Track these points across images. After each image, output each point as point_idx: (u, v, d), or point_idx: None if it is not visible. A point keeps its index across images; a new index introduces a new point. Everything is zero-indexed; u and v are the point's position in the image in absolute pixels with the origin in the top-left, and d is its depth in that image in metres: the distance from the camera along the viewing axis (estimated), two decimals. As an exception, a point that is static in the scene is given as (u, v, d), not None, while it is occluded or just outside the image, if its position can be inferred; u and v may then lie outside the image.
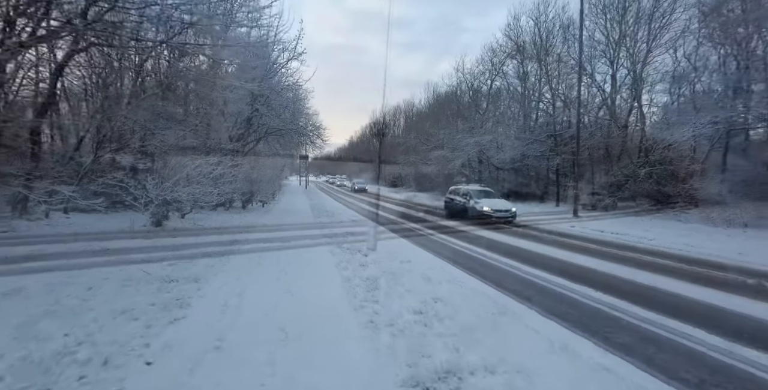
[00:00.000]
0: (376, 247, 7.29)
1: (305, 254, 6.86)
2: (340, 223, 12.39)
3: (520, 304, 4.46)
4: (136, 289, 4.28)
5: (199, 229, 9.47)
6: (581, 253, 7.95)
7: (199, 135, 14.45)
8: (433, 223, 13.39)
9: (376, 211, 16.39)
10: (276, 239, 8.43)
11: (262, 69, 13.60)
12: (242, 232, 9.39)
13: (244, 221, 11.70)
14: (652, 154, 15.98)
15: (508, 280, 5.66)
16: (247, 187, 15.54)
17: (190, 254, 6.36)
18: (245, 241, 8.17)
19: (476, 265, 6.61)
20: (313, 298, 4.29)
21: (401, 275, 5.27)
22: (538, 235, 10.86)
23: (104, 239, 7.59)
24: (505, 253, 7.82)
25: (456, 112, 36.51)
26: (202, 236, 8.43)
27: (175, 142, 12.88)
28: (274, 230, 9.99)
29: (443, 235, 10.43)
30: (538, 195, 23.81)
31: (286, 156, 23.43)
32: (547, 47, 21.10)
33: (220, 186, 12.26)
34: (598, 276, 5.99)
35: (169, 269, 5.25)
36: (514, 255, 7.56)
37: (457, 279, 5.35)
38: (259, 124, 15.61)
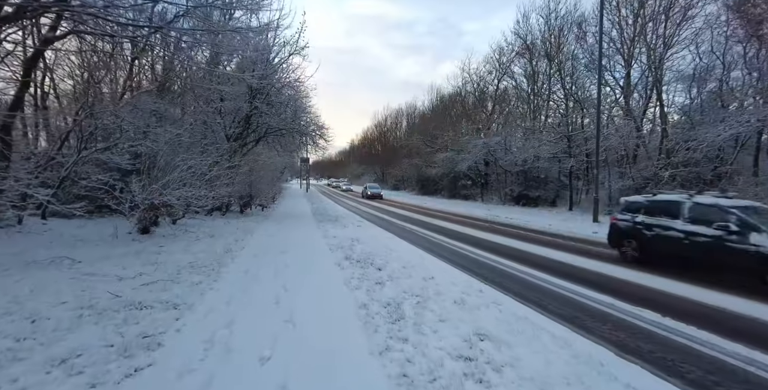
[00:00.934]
0: (388, 261, 6.35)
1: (308, 267, 5.91)
2: (344, 228, 11.45)
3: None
4: (95, 320, 3.34)
5: (191, 237, 8.53)
6: (616, 263, 7.01)
7: (196, 134, 13.58)
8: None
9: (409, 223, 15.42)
10: (275, 249, 7.49)
11: (262, 64, 12.74)
12: (238, 239, 8.46)
13: (242, 227, 10.76)
14: (674, 155, 15.05)
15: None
16: (246, 190, 14.64)
17: (176, 268, 5.42)
18: (241, 250, 7.24)
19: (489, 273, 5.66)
20: (321, 332, 3.35)
21: (428, 297, 4.33)
22: (557, 242, 9.92)
23: (79, 249, 6.66)
24: (534, 265, 6.87)
25: (461, 114, 35.68)
26: (193, 245, 7.49)
27: (169, 141, 12.02)
28: (274, 237, 9.05)
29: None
30: (548, 199, 22.87)
31: (286, 157, 22.53)
32: (559, 44, 20.24)
33: (216, 189, 11.37)
34: (663, 297, 5.04)
35: (145, 290, 4.31)
36: (535, 264, 6.62)
37: (493, 300, 4.40)
38: (259, 124, 14.72)
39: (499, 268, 6.62)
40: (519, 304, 4.41)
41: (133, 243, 7.53)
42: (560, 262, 7.14)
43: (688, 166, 14.44)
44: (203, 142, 12.58)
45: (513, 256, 7.74)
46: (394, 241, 8.97)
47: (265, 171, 17.23)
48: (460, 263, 6.87)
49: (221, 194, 11.44)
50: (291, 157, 34.00)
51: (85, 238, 7.68)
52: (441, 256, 7.53)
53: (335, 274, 5.41)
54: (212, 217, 12.77)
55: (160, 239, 8.12)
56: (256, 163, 15.81)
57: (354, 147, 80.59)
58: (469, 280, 5.45)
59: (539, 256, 7.83)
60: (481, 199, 29.07)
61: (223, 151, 13.24)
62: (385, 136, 64.88)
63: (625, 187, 17.34)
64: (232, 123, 14.05)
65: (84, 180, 9.68)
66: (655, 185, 15.69)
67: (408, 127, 57.52)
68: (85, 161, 10.40)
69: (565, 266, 6.80)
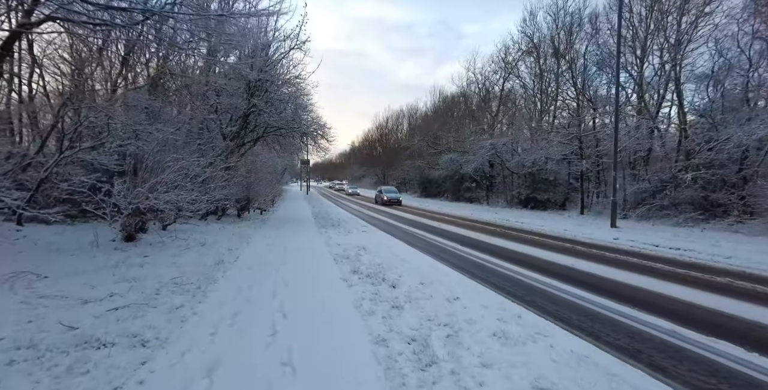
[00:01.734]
0: (400, 274, 5.55)
1: (311, 283, 5.11)
2: (348, 234, 10.65)
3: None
4: (30, 368, 2.53)
5: (180, 245, 7.73)
6: (654, 276, 6.20)
7: (192, 133, 12.81)
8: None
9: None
10: (273, 260, 6.69)
11: (262, 58, 11.98)
12: (233, 248, 7.65)
13: (238, 233, 9.96)
14: (696, 156, 14.27)
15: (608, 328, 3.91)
16: (243, 193, 13.84)
17: (155, 286, 4.62)
18: (234, 261, 6.43)
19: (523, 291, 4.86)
20: (329, 384, 2.54)
21: (459, 328, 3.52)
22: (578, 249, 9.10)
23: (51, 261, 5.86)
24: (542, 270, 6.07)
25: (465, 114, 34.96)
26: (182, 255, 6.69)
27: (162, 140, 11.26)
28: (272, 246, 8.24)
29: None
30: (558, 202, 22.08)
31: (286, 158, 21.74)
32: (569, 41, 19.51)
33: (211, 191, 10.59)
34: (722, 319, 4.23)
35: (112, 318, 3.51)
36: (556, 275, 5.81)
37: (538, 329, 3.60)
38: (257, 123, 13.94)
39: (527, 282, 5.81)
40: (570, 335, 3.60)
41: (114, 253, 6.73)
42: (591, 275, 6.33)
43: (711, 168, 13.66)
44: (198, 141, 11.80)
45: (536, 266, 6.93)
46: (404, 250, 8.16)
47: (264, 173, 16.45)
48: (482, 277, 6.06)
49: (216, 197, 10.67)
50: (291, 159, 33.24)
51: (62, 247, 6.88)
52: (459, 267, 6.72)
53: (343, 294, 4.60)
54: (207, 221, 11.97)
55: (146, 248, 7.32)
56: (254, 164, 15.03)
57: (354, 149, 79.87)
58: (500, 300, 4.64)
59: (565, 266, 7.02)
60: (486, 201, 28.29)
61: (219, 152, 12.47)
62: (386, 137, 64.20)
63: (640, 190, 16.57)
64: (229, 121, 13.27)
65: (65, 182, 8.91)
66: (674, 188, 14.92)
67: (409, 129, 56.88)
68: (68, 162, 9.64)
69: (600, 280, 5.99)
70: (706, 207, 13.73)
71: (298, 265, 6.31)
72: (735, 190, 13.00)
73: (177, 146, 11.60)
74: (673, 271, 6.89)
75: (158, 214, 8.52)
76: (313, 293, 4.65)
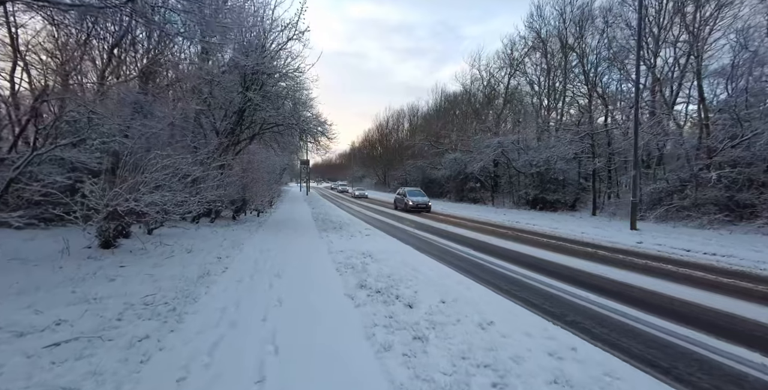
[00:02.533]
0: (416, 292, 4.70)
1: (311, 302, 4.26)
2: (351, 238, 9.81)
3: None
4: None
5: (164, 253, 6.87)
6: (702, 287, 5.35)
7: (185, 130, 11.97)
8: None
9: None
10: (267, 271, 5.84)
11: (258, 50, 11.15)
12: (222, 256, 6.80)
13: (230, 238, 9.11)
14: (719, 154, 13.44)
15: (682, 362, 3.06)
16: (239, 194, 12.99)
17: (120, 308, 3.77)
18: (222, 273, 5.58)
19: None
20: None
21: (505, 370, 2.68)
22: (603, 255, 8.25)
23: (7, 273, 5.01)
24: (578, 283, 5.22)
25: (468, 113, 34.13)
26: (163, 266, 5.84)
27: (150, 137, 10.45)
28: (267, 252, 7.39)
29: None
30: (568, 203, 21.24)
31: (285, 157, 20.88)
32: (581, 34, 18.68)
33: (203, 192, 9.76)
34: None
35: (45, 360, 2.65)
36: (599, 290, 4.97)
37: (605, 369, 2.76)
38: (253, 120, 13.11)
39: (562, 297, 4.96)
40: (651, 380, 2.75)
41: (86, 262, 5.88)
42: (630, 286, 5.48)
43: (737, 167, 12.82)
44: (189, 137, 10.96)
45: (563, 275, 6.08)
46: (414, 257, 7.31)
47: (262, 172, 15.59)
48: (510, 291, 5.21)
49: (209, 198, 9.84)
50: (290, 159, 32.37)
51: (27, 256, 6.03)
52: (481, 278, 5.87)
53: (349, 318, 3.75)
54: (198, 225, 11.12)
55: (125, 256, 6.47)
56: (250, 163, 14.18)
57: (354, 149, 79.03)
58: (542, 324, 3.79)
59: (596, 275, 6.17)
60: (491, 202, 27.44)
61: (211, 149, 11.62)
62: (387, 137, 63.38)
63: (656, 190, 15.73)
64: (224, 117, 12.43)
65: (38, 182, 8.07)
66: (695, 188, 14.08)
67: (410, 129, 56.08)
68: (44, 160, 8.79)
69: (643, 294, 5.15)
70: (732, 208, 12.88)
71: (295, 277, 5.46)
72: (765, 190, 12.16)
73: (165, 143, 10.77)
74: (719, 281, 6.05)
75: (142, 218, 7.67)
76: (313, 317, 3.80)
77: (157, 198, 7.23)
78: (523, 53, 26.06)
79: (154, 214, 7.57)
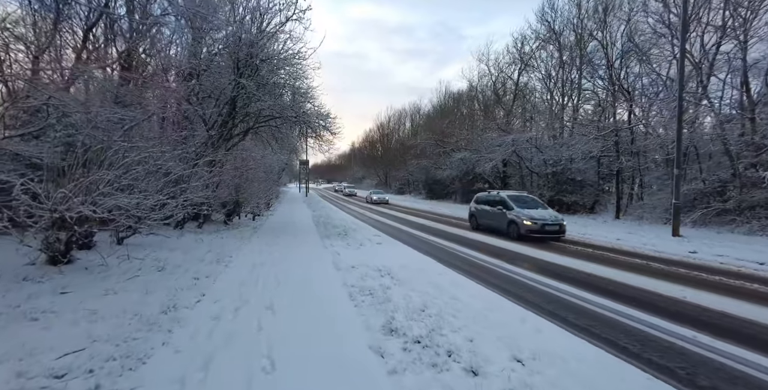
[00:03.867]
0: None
1: (319, 364, 2.81)
2: (360, 247, 8.36)
3: None
4: None
5: (129, 271, 5.41)
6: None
7: (168, 122, 10.51)
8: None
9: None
10: (255, 300, 4.39)
11: (252, 30, 9.71)
12: (201, 275, 5.33)
13: (217, 248, 7.65)
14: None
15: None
16: (231, 195, 11.52)
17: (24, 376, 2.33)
18: (195, 304, 4.12)
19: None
20: None
21: None
22: (658, 268, 6.81)
23: None
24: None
25: (475, 110, 32.71)
26: (117, 293, 4.38)
27: (129, 130, 8.99)
28: (260, 268, 5.93)
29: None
30: (587, 205, 19.80)
31: (284, 155, 19.39)
32: (606, 22, 17.26)
33: (188, 193, 8.30)
34: None
35: None
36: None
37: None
38: (247, 113, 11.63)
39: (693, 352, 3.53)
40: None
41: (18, 287, 4.42)
42: (751, 322, 4.05)
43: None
44: (168, 129, 9.49)
45: (639, 301, 4.64)
46: (443, 275, 5.86)
47: (258, 171, 14.12)
48: (602, 336, 3.77)
49: (195, 201, 8.40)
50: (290, 159, 30.85)
51: (-57, 277, 4.56)
52: (542, 309, 4.43)
53: (370, 363, 2.31)
54: (183, 230, 9.66)
55: (76, 276, 5.01)
56: (245, 161, 12.71)
57: (355, 149, 77.53)
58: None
59: (687, 304, 4.73)
60: (501, 204, 25.99)
61: (198, 144, 10.16)
62: (387, 137, 61.96)
63: (691, 192, 14.30)
64: (214, 108, 10.97)
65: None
66: (740, 188, 12.66)
67: (412, 128, 54.66)
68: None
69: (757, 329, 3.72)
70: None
71: (294, 311, 4.00)
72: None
73: (147, 137, 9.32)
74: None
75: (106, 225, 6.19)
76: (324, 372, 2.35)
77: (123, 201, 5.78)
78: (534, 47, 24.70)
79: (124, 220, 6.12)
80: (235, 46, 9.76)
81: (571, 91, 21.85)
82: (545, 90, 24.63)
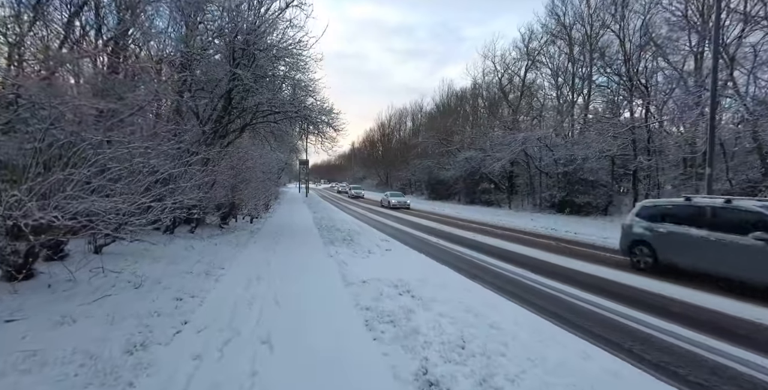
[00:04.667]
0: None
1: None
2: (369, 256, 7.51)
3: None
4: None
5: (98, 289, 4.55)
6: None
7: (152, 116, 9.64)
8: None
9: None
10: (252, 325, 3.54)
11: (248, 16, 8.86)
12: (185, 295, 4.47)
13: (209, 257, 6.79)
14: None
15: None
16: (226, 197, 10.65)
17: None
18: (172, 338, 3.26)
19: None
20: None
21: None
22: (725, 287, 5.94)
23: None
24: None
25: (480, 108, 31.87)
26: (73, 324, 3.51)
27: (112, 125, 8.12)
28: (256, 284, 5.07)
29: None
30: (599, 207, 18.95)
31: (284, 154, 18.51)
32: (624, 14, 16.43)
33: (179, 194, 7.43)
34: None
35: None
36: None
37: None
38: (244, 108, 10.76)
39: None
40: None
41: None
42: None
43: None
44: (155, 124, 8.62)
45: (730, 333, 3.78)
46: (471, 291, 5.01)
47: (256, 171, 13.25)
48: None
49: (186, 203, 7.54)
50: (289, 158, 29.95)
51: None
52: (607, 341, 3.59)
53: None
54: (173, 235, 8.79)
55: (34, 296, 4.15)
56: (241, 160, 11.85)
57: (355, 149, 76.64)
58: None
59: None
60: (507, 205, 25.14)
61: (192, 141, 9.30)
62: (388, 137, 61.10)
63: (716, 192, 13.46)
64: (208, 102, 10.11)
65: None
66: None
67: (413, 128, 53.77)
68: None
69: None
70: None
71: (297, 349, 3.15)
72: None
73: (128, 132, 8.45)
74: None
75: (75, 233, 5.33)
76: None
77: (97, 205, 4.91)
78: (543, 43, 23.89)
79: (102, 226, 5.25)
80: (230, 33, 8.90)
81: (582, 87, 21.03)
82: (554, 87, 23.82)
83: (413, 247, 9.09)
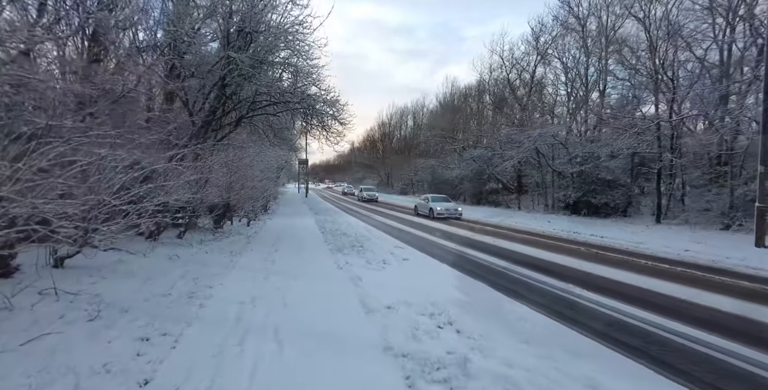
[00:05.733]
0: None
1: None
2: (385, 267, 6.41)
3: None
4: None
5: (36, 322, 3.42)
6: None
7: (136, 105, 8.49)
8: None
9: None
10: (246, 378, 2.41)
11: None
12: (156, 332, 3.34)
13: (195, 270, 5.65)
14: None
15: None
16: (220, 197, 9.51)
17: None
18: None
19: None
20: None
21: None
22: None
23: None
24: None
25: (486, 105, 30.77)
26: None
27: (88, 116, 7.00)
28: (251, 313, 3.94)
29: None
30: (618, 207, 17.87)
31: (284, 151, 17.32)
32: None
33: (163, 195, 6.27)
34: None
35: None
36: None
37: None
38: (240, 98, 9.65)
39: None
40: None
41: None
42: None
43: None
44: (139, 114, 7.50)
45: None
46: (533, 323, 3.89)
47: (254, 169, 12.09)
48: None
49: (171, 205, 6.44)
50: (288, 157, 28.72)
51: None
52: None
53: None
54: (157, 242, 7.65)
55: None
56: (237, 157, 10.71)
57: (355, 149, 75.40)
58: None
59: None
60: (517, 205, 24.05)
61: (179, 133, 8.17)
62: (389, 136, 59.94)
63: (751, 192, 12.40)
64: (199, 92, 8.97)
65: None
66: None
67: (414, 126, 52.61)
68: None
69: None
70: None
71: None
72: None
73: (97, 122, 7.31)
74: None
75: (23, 242, 4.19)
76: None
77: (47, 209, 3.79)
78: (554, 36, 22.81)
79: (62, 235, 4.12)
80: (224, 11, 7.78)
81: (598, 81, 19.96)
82: (566, 82, 22.75)
83: (431, 254, 7.98)
